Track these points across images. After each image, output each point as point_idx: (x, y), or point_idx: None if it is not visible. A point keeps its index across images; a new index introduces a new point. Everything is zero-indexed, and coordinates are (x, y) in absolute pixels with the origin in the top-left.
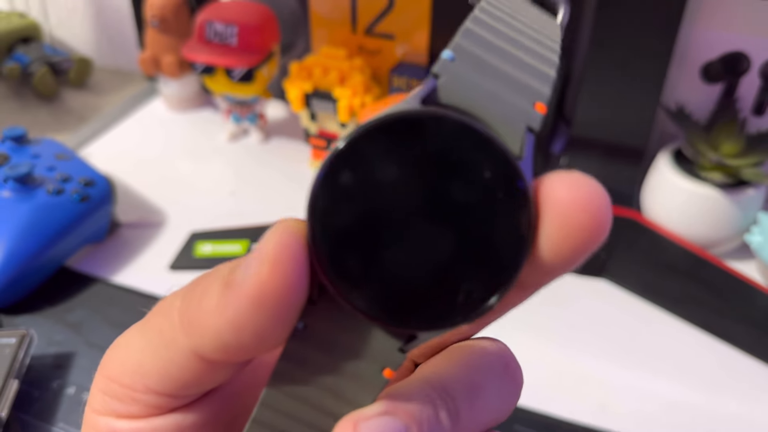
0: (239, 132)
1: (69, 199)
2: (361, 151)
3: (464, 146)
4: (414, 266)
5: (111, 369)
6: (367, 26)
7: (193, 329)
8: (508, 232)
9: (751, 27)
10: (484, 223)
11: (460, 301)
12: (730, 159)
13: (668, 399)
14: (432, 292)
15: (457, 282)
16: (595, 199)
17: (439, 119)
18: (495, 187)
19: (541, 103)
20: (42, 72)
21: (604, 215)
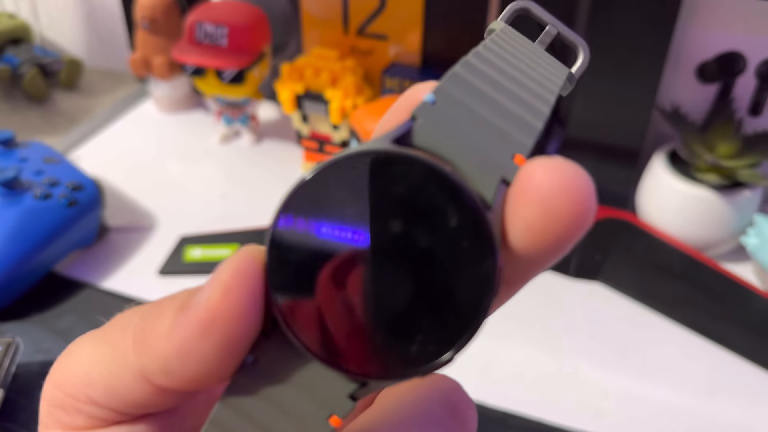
0: (230, 134)
1: (57, 204)
2: (325, 185)
3: (431, 190)
4: (370, 310)
5: (58, 377)
6: (359, 27)
7: (143, 350)
8: (471, 283)
9: (747, 26)
10: (446, 271)
11: (414, 353)
12: (725, 160)
13: (663, 403)
14: (386, 339)
15: (414, 331)
16: (578, 184)
17: (408, 160)
18: (460, 235)
19: (521, 155)
20: (32, 74)
21: (588, 202)
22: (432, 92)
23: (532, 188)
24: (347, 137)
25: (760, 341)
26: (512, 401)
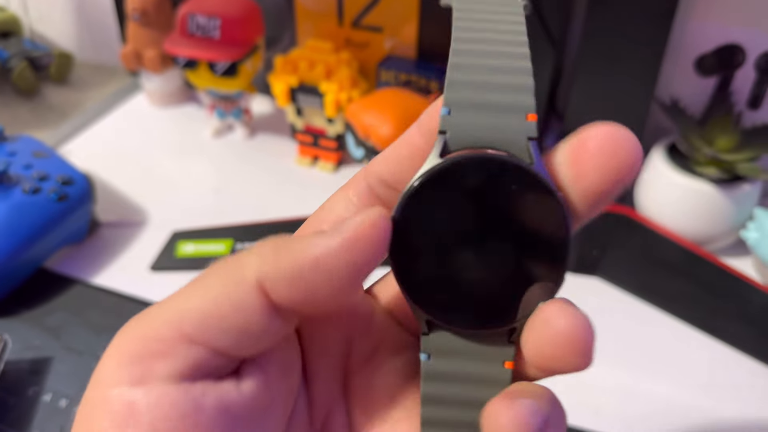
0: (224, 128)
1: (46, 199)
2: (411, 205)
3: (486, 174)
4: (487, 272)
5: (145, 327)
6: (354, 19)
7: (275, 262)
8: (548, 221)
9: (746, 19)
10: (525, 223)
11: (532, 292)
12: (725, 154)
13: (663, 399)
14: (511, 293)
15: (525, 277)
16: (625, 144)
17: (458, 164)
18: (522, 193)
19: (531, 113)
20: (21, 67)
21: (635, 158)
22: (444, 105)
23: (587, 153)
24: (342, 131)
25: (759, 336)
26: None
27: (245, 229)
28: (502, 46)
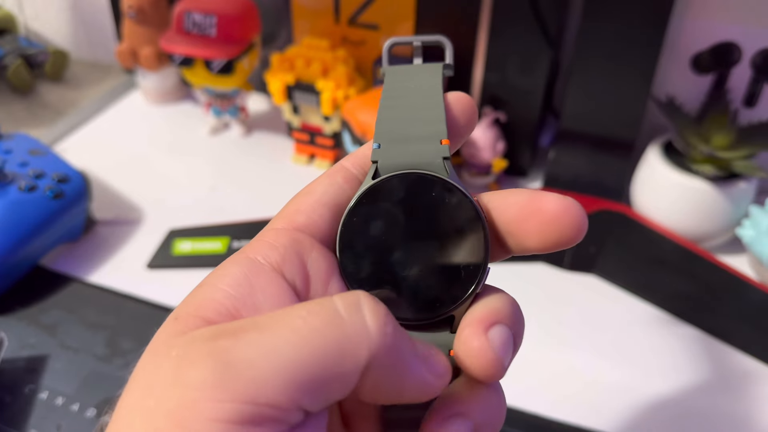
0: (220, 126)
1: (42, 196)
2: (351, 222)
3: (412, 190)
4: (419, 271)
5: (257, 381)
6: (351, 16)
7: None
8: (465, 218)
9: (742, 16)
10: (447, 223)
11: (466, 281)
12: (721, 151)
13: (659, 396)
14: (445, 286)
15: (453, 269)
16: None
17: (388, 180)
18: (441, 198)
19: (444, 139)
20: (16, 65)
21: (581, 226)
22: (374, 141)
23: (541, 211)
24: (339, 128)
25: (756, 333)
26: (508, 395)
27: (242, 227)
28: (420, 94)
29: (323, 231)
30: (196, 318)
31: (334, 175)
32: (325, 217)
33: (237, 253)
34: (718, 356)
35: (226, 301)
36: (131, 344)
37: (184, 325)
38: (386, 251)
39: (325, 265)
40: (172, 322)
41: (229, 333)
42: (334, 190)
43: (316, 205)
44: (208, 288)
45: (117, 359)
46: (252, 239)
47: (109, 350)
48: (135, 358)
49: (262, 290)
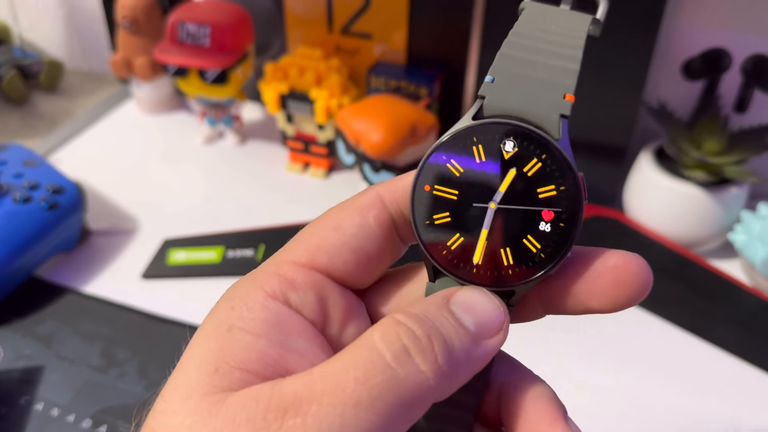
0: (214, 135)
1: (37, 207)
2: (438, 157)
3: (512, 140)
4: (497, 239)
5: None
6: (344, 25)
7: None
8: (563, 195)
9: (731, 23)
10: (542, 194)
11: (538, 262)
12: (712, 157)
13: (653, 401)
14: (516, 257)
15: (533, 246)
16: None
17: (487, 125)
18: (543, 165)
19: (569, 93)
20: (11, 76)
21: (648, 285)
22: (489, 74)
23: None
24: (333, 137)
25: (748, 337)
26: None
27: (236, 236)
28: (557, 37)
29: (345, 275)
30: (242, 372)
31: (367, 212)
32: (349, 264)
33: (251, 283)
34: (711, 360)
35: (270, 350)
36: (126, 354)
37: (228, 381)
38: (466, 202)
39: (344, 307)
40: (211, 373)
41: (291, 406)
42: (365, 234)
43: (343, 249)
44: (244, 334)
45: (112, 369)
46: (269, 262)
47: (104, 361)
48: (130, 368)
49: (297, 334)
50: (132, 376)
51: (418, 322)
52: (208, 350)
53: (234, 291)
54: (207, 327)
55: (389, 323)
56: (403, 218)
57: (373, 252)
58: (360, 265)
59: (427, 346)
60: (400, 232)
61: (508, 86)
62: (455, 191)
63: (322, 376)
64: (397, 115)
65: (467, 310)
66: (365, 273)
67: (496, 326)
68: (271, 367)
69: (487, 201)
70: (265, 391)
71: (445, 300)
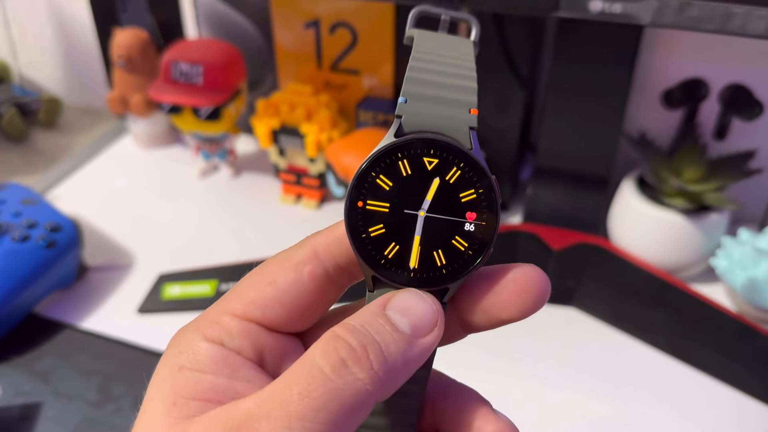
0: (209, 168)
1: (35, 246)
2: (367, 175)
3: (431, 153)
4: (429, 243)
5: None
6: (333, 62)
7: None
8: (481, 197)
9: (707, 53)
10: (462, 197)
11: (468, 258)
12: (692, 185)
13: (637, 425)
14: (448, 257)
15: (461, 245)
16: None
17: (410, 141)
18: (461, 172)
19: (473, 108)
20: (11, 114)
21: (546, 294)
22: (402, 95)
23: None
24: (324, 169)
25: (731, 362)
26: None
27: (230, 270)
28: (453, 60)
29: (277, 325)
30: (197, 401)
31: (302, 268)
32: (281, 317)
33: (194, 330)
34: (694, 385)
35: (219, 380)
36: (122, 389)
37: (186, 411)
38: (398, 213)
39: (278, 351)
40: (169, 406)
41: (244, 424)
42: (298, 290)
43: (275, 304)
44: (193, 372)
45: (108, 405)
46: (211, 311)
47: (101, 396)
48: (126, 404)
49: (242, 366)
50: (127, 411)
51: (353, 333)
52: (164, 389)
53: (180, 337)
54: (160, 372)
55: (327, 338)
56: (338, 269)
57: (305, 304)
58: (291, 317)
59: (362, 356)
60: (336, 281)
61: (420, 105)
62: (387, 204)
63: (270, 394)
64: None
65: (403, 312)
66: (298, 322)
67: (431, 324)
68: (222, 394)
69: (417, 209)
70: (222, 413)
71: (381, 307)
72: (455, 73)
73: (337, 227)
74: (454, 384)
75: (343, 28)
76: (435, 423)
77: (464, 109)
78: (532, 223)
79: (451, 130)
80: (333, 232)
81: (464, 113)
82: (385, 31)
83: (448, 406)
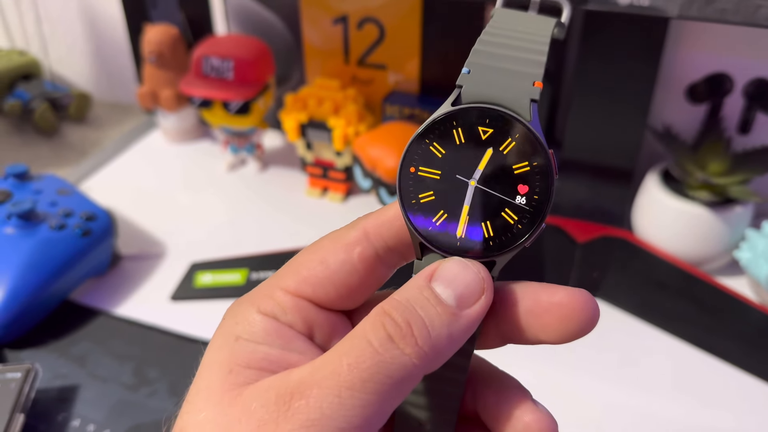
0: (237, 162)
1: (71, 234)
2: (421, 142)
3: (487, 122)
4: (478, 213)
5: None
6: (360, 57)
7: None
8: (536, 172)
9: (732, 48)
10: (517, 171)
11: (516, 233)
12: (716, 177)
13: (663, 416)
14: (496, 229)
15: (511, 218)
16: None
17: (465, 110)
18: (517, 144)
19: (537, 81)
20: (42, 108)
21: (594, 318)
22: (465, 66)
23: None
24: (350, 163)
25: (756, 352)
26: None
27: (259, 259)
28: (525, 36)
29: (328, 303)
30: (252, 370)
31: (352, 249)
32: (332, 296)
33: (249, 303)
34: (719, 376)
35: (273, 351)
36: (157, 373)
37: (242, 378)
38: (449, 181)
39: (328, 328)
40: (225, 374)
41: (296, 391)
42: (348, 270)
43: (325, 282)
44: (249, 342)
45: (143, 388)
46: (264, 285)
47: (136, 379)
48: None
49: (294, 339)
50: (162, 394)
51: (398, 309)
52: (221, 357)
53: (236, 308)
54: (217, 340)
55: (376, 313)
56: (387, 250)
57: (355, 285)
58: (341, 296)
59: (407, 332)
60: (386, 262)
61: (482, 76)
62: (438, 171)
63: (321, 364)
64: None
65: (448, 283)
66: (348, 301)
67: (477, 293)
68: (275, 364)
69: (468, 178)
70: (275, 381)
71: (427, 279)
72: (523, 47)
73: (388, 209)
74: (496, 371)
75: (370, 24)
76: (474, 406)
77: (527, 81)
78: (556, 216)
79: (511, 101)
80: (384, 214)
81: (526, 84)
82: (412, 26)
83: (488, 392)
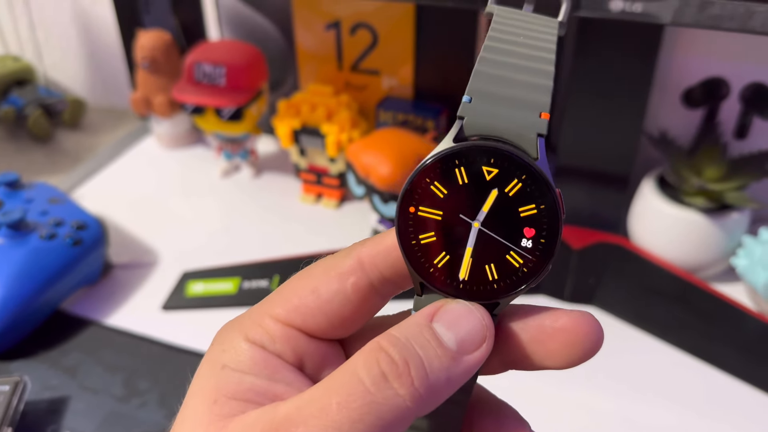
0: (231, 168)
1: (62, 244)
2: (421, 180)
3: (492, 162)
4: (482, 256)
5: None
6: (353, 63)
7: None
8: (542, 213)
9: (729, 52)
10: (522, 212)
11: (522, 276)
12: (712, 183)
13: (659, 425)
14: (500, 272)
15: (516, 262)
16: (595, 330)
17: (469, 148)
18: (523, 185)
19: (544, 112)
20: (36, 114)
21: (599, 341)
22: (466, 93)
23: (565, 331)
24: (344, 169)
25: (752, 361)
26: None
27: (252, 268)
28: (529, 50)
29: (319, 333)
30: (237, 401)
31: (346, 279)
32: (323, 326)
33: (238, 329)
34: (715, 384)
35: (259, 382)
36: (148, 384)
37: (227, 409)
38: (451, 223)
39: (318, 358)
40: (210, 404)
41: (281, 427)
42: (340, 300)
43: (316, 312)
44: (235, 372)
45: (134, 399)
46: (254, 311)
47: (127, 391)
48: (151, 399)
49: (282, 369)
50: (152, 406)
51: (396, 346)
52: (207, 386)
53: (224, 334)
54: (203, 368)
55: (370, 349)
56: (383, 280)
57: (348, 315)
58: (333, 326)
59: (404, 371)
60: (380, 292)
61: (485, 106)
62: (440, 212)
63: (309, 400)
64: (404, 148)
65: (450, 326)
66: (340, 330)
67: (479, 340)
68: (261, 395)
69: (471, 219)
70: (262, 415)
71: (428, 318)
72: (530, 67)
73: (384, 238)
74: (494, 399)
75: (363, 29)
76: None
77: (534, 112)
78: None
79: (516, 136)
80: (380, 243)
81: (533, 117)
82: (405, 31)
83: (486, 421)
